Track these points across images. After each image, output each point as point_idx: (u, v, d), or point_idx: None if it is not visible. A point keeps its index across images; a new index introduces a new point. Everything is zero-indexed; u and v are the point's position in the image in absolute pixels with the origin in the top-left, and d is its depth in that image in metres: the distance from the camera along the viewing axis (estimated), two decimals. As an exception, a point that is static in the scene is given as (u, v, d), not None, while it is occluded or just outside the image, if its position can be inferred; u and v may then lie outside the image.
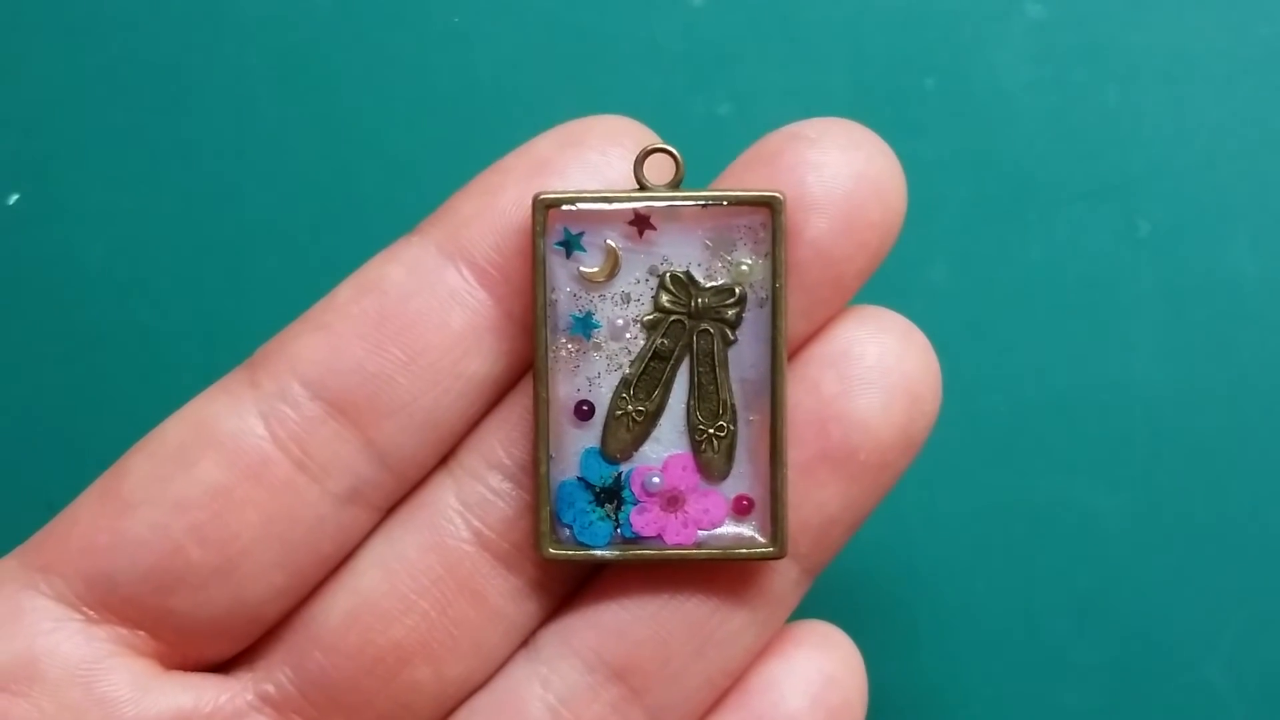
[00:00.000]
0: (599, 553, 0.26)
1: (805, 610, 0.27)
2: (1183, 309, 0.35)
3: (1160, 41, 0.36)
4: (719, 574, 0.26)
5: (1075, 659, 0.35)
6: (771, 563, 0.26)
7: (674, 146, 0.25)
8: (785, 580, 0.26)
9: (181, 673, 0.26)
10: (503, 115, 0.36)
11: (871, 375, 0.25)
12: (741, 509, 0.26)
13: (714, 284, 0.25)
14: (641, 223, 0.25)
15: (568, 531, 0.26)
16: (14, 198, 0.36)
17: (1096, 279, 0.35)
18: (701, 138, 0.27)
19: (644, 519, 0.26)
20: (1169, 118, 0.36)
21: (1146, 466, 0.35)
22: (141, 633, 0.25)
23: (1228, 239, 0.35)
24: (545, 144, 0.26)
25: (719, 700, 0.26)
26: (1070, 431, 0.35)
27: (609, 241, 0.25)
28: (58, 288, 0.36)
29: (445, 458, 0.26)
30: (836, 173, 0.25)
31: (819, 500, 0.25)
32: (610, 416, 0.26)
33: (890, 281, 0.35)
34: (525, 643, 0.26)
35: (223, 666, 0.26)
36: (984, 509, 0.35)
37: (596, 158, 0.25)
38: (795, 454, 0.25)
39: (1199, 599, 0.35)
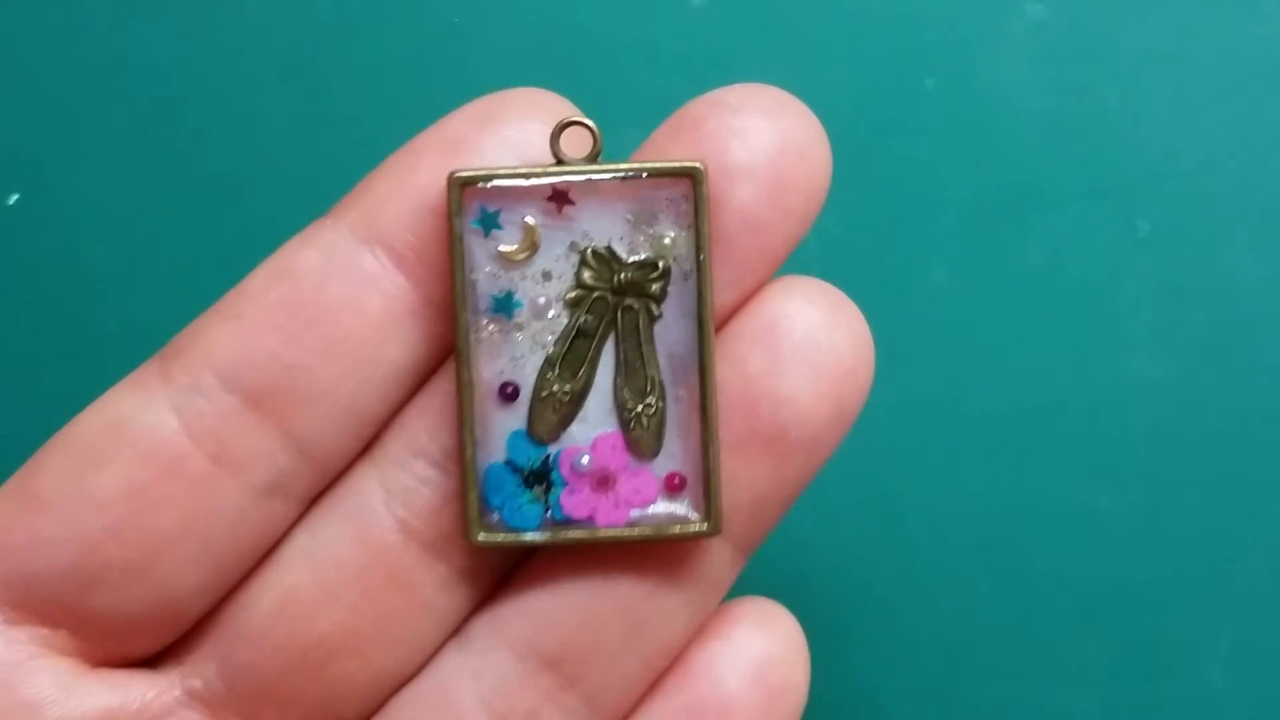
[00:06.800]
0: (530, 536, 0.25)
1: (804, 610, 0.27)
2: (1182, 309, 0.35)
3: (1160, 41, 0.36)
4: (651, 555, 0.25)
5: (1074, 659, 0.35)
6: (704, 542, 0.25)
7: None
8: (719, 560, 0.25)
9: (107, 670, 0.25)
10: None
11: (800, 352, 0.24)
12: (673, 487, 0.25)
13: (637, 258, 0.25)
14: (560, 198, 0.25)
15: (497, 516, 0.25)
16: (14, 198, 0.36)
17: (1096, 279, 0.35)
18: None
19: (575, 500, 0.25)
20: (1169, 118, 0.36)
21: (1146, 466, 0.35)
22: (63, 632, 0.25)
23: (1227, 239, 0.35)
24: (460, 121, 0.25)
25: (656, 683, 0.25)
26: (1070, 431, 0.35)
27: (527, 219, 0.25)
28: (58, 288, 0.36)
29: (368, 446, 0.25)
30: (760, 139, 0.24)
31: (750, 479, 0.25)
32: (536, 398, 0.25)
33: (890, 281, 0.36)
34: (457, 631, 0.26)
35: (150, 662, 0.26)
36: (984, 508, 0.35)
37: (513, 133, 0.25)
38: (725, 433, 0.24)
39: (1199, 599, 0.35)
